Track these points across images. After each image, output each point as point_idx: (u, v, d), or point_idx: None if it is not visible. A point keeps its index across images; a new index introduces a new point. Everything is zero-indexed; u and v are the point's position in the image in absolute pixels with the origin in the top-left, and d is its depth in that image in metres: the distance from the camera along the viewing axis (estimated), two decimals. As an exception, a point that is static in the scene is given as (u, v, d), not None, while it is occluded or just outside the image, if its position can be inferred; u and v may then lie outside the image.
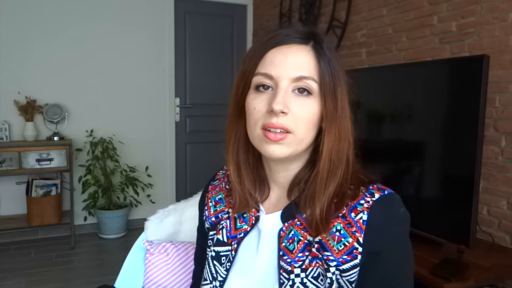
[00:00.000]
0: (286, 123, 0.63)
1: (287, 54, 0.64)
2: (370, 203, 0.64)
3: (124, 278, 1.23)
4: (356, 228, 0.63)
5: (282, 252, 0.68)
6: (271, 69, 0.64)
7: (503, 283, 1.56)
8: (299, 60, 0.64)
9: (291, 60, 0.64)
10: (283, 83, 0.63)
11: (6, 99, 3.17)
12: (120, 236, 3.38)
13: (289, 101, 0.63)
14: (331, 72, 0.64)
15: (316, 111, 0.65)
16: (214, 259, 0.76)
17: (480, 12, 1.76)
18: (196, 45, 3.79)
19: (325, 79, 0.64)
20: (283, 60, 0.64)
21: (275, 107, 0.62)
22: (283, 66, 0.64)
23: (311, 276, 0.65)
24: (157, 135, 3.70)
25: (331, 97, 0.64)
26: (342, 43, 2.67)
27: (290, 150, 0.65)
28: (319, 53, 0.65)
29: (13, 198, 3.26)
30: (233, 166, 0.73)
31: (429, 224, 1.56)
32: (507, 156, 1.65)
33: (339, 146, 0.66)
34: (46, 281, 2.59)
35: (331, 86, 0.64)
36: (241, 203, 0.73)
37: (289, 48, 0.65)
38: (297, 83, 0.64)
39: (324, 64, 0.64)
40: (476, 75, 1.35)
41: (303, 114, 0.64)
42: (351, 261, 0.63)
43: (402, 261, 0.65)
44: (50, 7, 3.27)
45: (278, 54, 0.64)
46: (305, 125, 0.64)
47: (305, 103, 0.64)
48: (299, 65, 0.64)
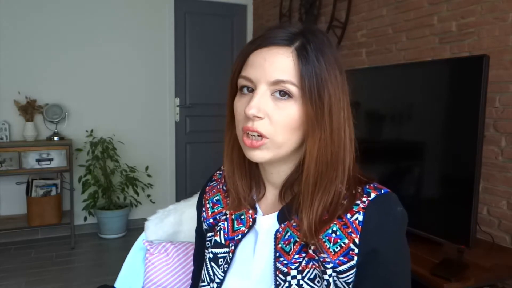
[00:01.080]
0: (261, 128, 0.62)
1: (266, 57, 0.62)
2: (366, 203, 0.64)
3: (124, 278, 1.23)
4: (352, 229, 0.63)
5: (279, 254, 0.68)
6: (251, 72, 0.63)
7: (503, 283, 1.56)
8: (277, 63, 0.62)
9: (269, 64, 0.62)
10: (261, 87, 0.62)
11: (6, 99, 3.17)
12: (120, 236, 3.38)
13: (267, 105, 0.62)
14: (315, 74, 0.61)
15: (297, 114, 0.62)
16: (212, 260, 0.76)
17: (480, 12, 1.76)
18: (196, 45, 3.78)
19: (305, 83, 0.61)
20: (261, 64, 0.62)
21: (248, 112, 0.61)
22: (261, 70, 0.62)
23: (307, 277, 0.64)
24: (157, 135, 3.70)
25: (315, 100, 0.61)
26: (342, 43, 2.67)
27: (270, 154, 0.64)
28: (301, 55, 0.62)
29: (13, 198, 3.26)
30: (228, 166, 0.74)
31: (429, 224, 1.56)
32: (507, 156, 1.65)
33: (326, 151, 0.63)
34: (46, 281, 2.59)
35: (313, 89, 0.61)
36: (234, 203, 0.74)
37: (269, 50, 0.63)
38: (275, 86, 0.62)
39: (306, 66, 0.61)
40: (476, 75, 1.35)
41: (281, 119, 0.62)
42: (347, 262, 0.62)
43: (399, 260, 0.65)
44: (50, 7, 3.27)
45: (258, 57, 0.63)
46: (283, 129, 0.62)
47: (284, 106, 0.62)
48: (278, 68, 0.61)
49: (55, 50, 3.30)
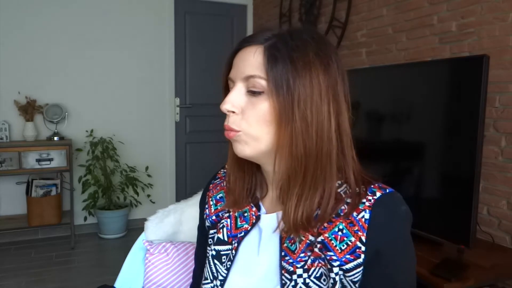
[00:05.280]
0: (233, 124, 0.66)
1: (241, 57, 0.67)
2: (372, 201, 0.64)
3: (124, 278, 1.23)
4: (359, 227, 0.63)
5: (284, 253, 0.68)
6: (232, 73, 0.68)
7: (503, 283, 1.56)
8: (248, 61, 0.65)
9: (242, 62, 0.66)
10: (238, 84, 0.67)
11: (6, 99, 3.18)
12: (120, 236, 3.38)
13: (241, 100, 0.66)
14: (285, 68, 0.62)
15: (267, 108, 0.64)
16: (215, 258, 0.76)
17: (480, 12, 1.76)
18: (196, 45, 3.78)
19: (272, 76, 0.62)
20: (237, 63, 0.67)
21: (222, 107, 0.66)
22: (237, 68, 0.67)
23: (313, 276, 0.65)
24: (157, 135, 3.70)
25: (283, 94, 0.62)
26: (342, 43, 2.67)
27: (250, 148, 0.66)
28: (269, 51, 0.63)
29: (13, 198, 3.26)
30: (229, 165, 0.76)
31: (429, 224, 1.56)
32: (507, 156, 1.65)
33: (299, 144, 0.63)
34: (46, 281, 2.59)
35: (281, 84, 0.62)
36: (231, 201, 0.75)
37: (244, 51, 0.67)
38: (248, 82, 0.65)
39: (274, 61, 0.62)
40: (476, 75, 1.35)
41: (253, 113, 0.65)
42: (354, 260, 0.63)
43: (405, 258, 0.66)
44: (50, 7, 3.27)
45: (236, 58, 0.68)
46: (256, 123, 0.65)
47: (256, 102, 0.65)
48: (248, 65, 0.65)
49: (55, 50, 3.31)
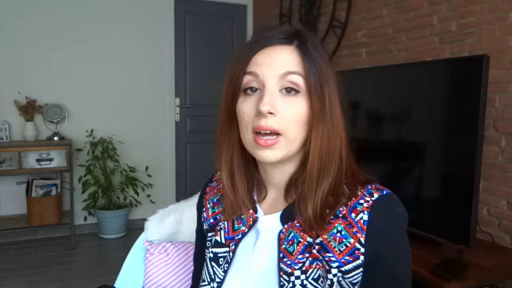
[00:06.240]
0: (275, 124, 0.63)
1: (272, 55, 0.65)
2: (370, 203, 0.64)
3: (124, 278, 1.23)
4: (357, 229, 0.63)
5: (282, 254, 0.68)
6: (258, 69, 0.65)
7: (503, 283, 1.56)
8: (284, 58, 0.64)
9: (276, 60, 0.64)
10: (269, 83, 0.64)
11: (6, 99, 3.18)
12: (120, 236, 3.38)
13: (277, 101, 0.63)
14: (317, 70, 0.64)
15: (304, 109, 0.64)
16: (212, 260, 0.76)
17: (480, 12, 1.76)
18: (196, 45, 3.78)
19: (311, 77, 0.64)
20: (268, 61, 0.65)
21: (262, 108, 0.62)
22: (269, 66, 0.64)
23: (311, 278, 0.65)
24: (157, 135, 3.70)
25: (318, 94, 0.64)
26: (342, 43, 2.67)
27: (282, 153, 0.65)
28: (303, 52, 0.65)
29: (13, 198, 3.26)
30: (226, 174, 0.72)
31: (429, 224, 1.56)
32: (507, 156, 1.65)
33: (329, 144, 0.65)
34: (46, 281, 2.59)
35: (317, 84, 0.64)
36: (232, 210, 0.73)
37: (273, 49, 0.65)
38: (284, 81, 0.64)
39: (309, 62, 0.64)
40: (476, 75, 1.35)
41: (292, 114, 0.64)
42: (353, 261, 0.63)
43: (403, 259, 0.66)
44: (50, 8, 3.27)
45: (264, 56, 0.65)
46: (295, 125, 0.64)
47: (293, 102, 0.64)
48: (286, 62, 0.64)
49: (55, 50, 3.31)
